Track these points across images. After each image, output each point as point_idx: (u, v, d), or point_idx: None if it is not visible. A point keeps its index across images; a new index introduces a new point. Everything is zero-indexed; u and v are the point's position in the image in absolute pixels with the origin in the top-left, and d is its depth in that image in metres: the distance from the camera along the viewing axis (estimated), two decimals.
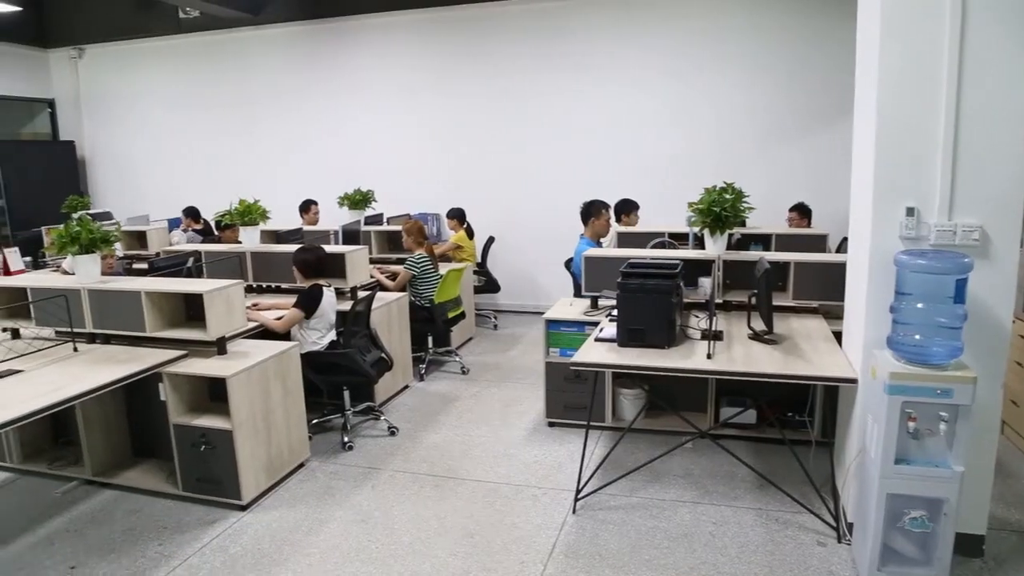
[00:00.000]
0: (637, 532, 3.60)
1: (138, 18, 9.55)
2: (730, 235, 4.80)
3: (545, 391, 4.98)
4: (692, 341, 3.95)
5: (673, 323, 3.85)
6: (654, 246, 5.33)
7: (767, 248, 5.50)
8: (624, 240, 5.95)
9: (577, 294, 5.65)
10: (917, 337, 2.88)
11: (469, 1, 8.06)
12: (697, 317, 4.38)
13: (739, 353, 3.72)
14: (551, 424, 4.99)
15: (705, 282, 4.63)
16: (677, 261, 4.23)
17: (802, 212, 6.61)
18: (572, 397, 4.89)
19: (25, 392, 3.43)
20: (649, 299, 3.81)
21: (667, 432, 4.67)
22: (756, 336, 3.97)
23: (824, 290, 4.46)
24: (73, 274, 4.67)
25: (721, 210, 4.50)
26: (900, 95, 3.04)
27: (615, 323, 3.94)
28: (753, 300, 4.08)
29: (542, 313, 5.10)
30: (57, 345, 4.28)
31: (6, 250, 6.84)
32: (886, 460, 2.90)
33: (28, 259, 7.26)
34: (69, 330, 4.26)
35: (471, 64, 8.26)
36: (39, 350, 4.20)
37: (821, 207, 6.67)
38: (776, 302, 4.18)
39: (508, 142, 8.26)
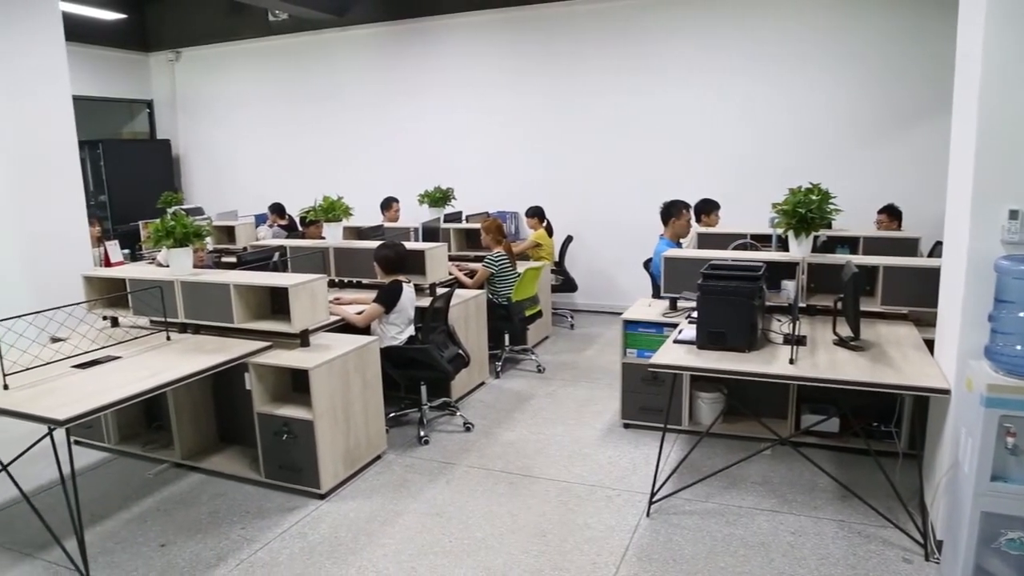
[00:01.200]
0: (712, 538, 3.54)
1: (230, 22, 9.93)
2: (815, 237, 4.66)
3: (621, 392, 4.94)
4: (774, 345, 3.85)
5: (755, 326, 3.77)
6: (736, 247, 5.22)
7: (854, 251, 5.32)
8: (705, 241, 5.85)
9: (656, 295, 5.59)
10: (1019, 347, 2.73)
11: (546, 0, 8.07)
12: (779, 321, 4.27)
13: (823, 359, 3.61)
14: (626, 425, 4.95)
15: (789, 285, 4.51)
16: (760, 263, 4.13)
17: (892, 214, 6.36)
18: (648, 399, 4.84)
19: (123, 378, 3.60)
20: (730, 301, 3.73)
21: (745, 437, 4.57)
22: (842, 342, 3.84)
23: (915, 296, 4.28)
24: (167, 266, 4.87)
25: (807, 211, 4.37)
26: (1005, 90, 2.89)
27: (695, 325, 3.87)
28: (839, 305, 3.95)
29: (619, 313, 5.06)
30: (152, 334, 4.49)
31: (107, 243, 7.20)
32: (981, 477, 2.77)
33: (126, 251, 7.62)
34: (163, 320, 4.46)
35: (548, 63, 8.25)
36: (135, 338, 4.41)
37: (912, 209, 6.40)
38: (863, 307, 4.03)
39: (587, 141, 8.23)
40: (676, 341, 3.97)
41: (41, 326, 4.48)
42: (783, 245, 5.06)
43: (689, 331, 3.99)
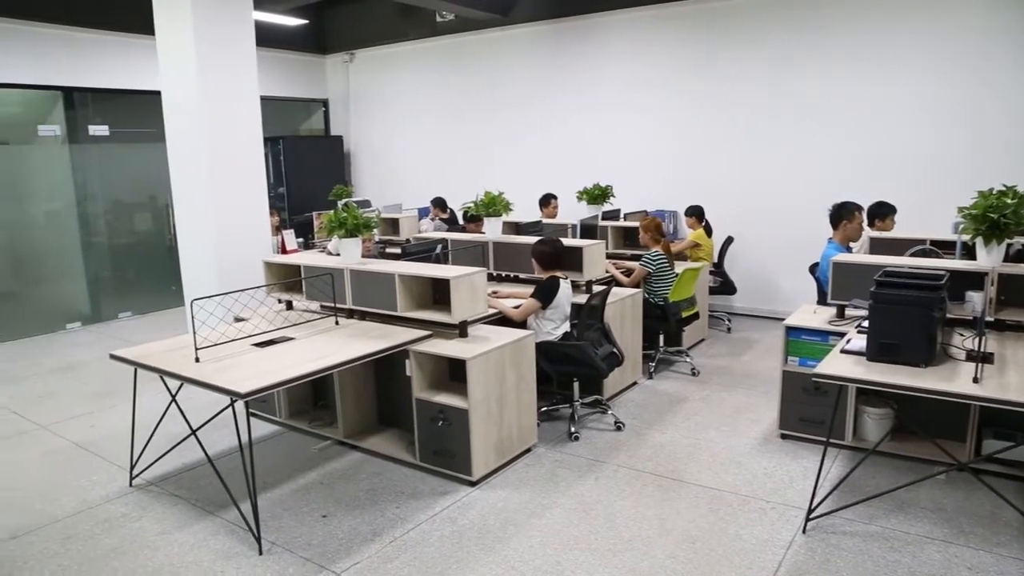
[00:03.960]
0: (875, 564, 3.32)
1: (400, 23, 10.36)
2: (1008, 245, 4.26)
3: (780, 401, 4.73)
4: (954, 362, 3.56)
5: (933, 339, 3.49)
6: (914, 254, 4.86)
7: None
8: (878, 246, 5.50)
9: (822, 301, 5.31)
10: None
11: None
12: (962, 335, 3.94)
13: (1013, 379, 3.29)
14: (784, 436, 4.74)
15: (975, 297, 4.15)
16: (942, 271, 3.83)
17: None
18: (810, 410, 4.61)
19: (296, 357, 3.86)
20: (907, 311, 3.48)
21: (916, 459, 4.27)
22: None
23: None
24: (337, 255, 5.16)
25: (999, 216, 4.00)
26: None
27: (865, 335, 3.65)
28: None
29: (780, 319, 4.86)
30: (322, 318, 4.77)
31: (284, 232, 7.72)
32: None
33: (300, 240, 8.15)
34: (333, 305, 4.73)
35: (712, 59, 8.02)
36: (307, 321, 4.70)
37: None
38: None
39: (749, 139, 7.93)
40: (843, 351, 3.76)
41: (228, 306, 4.88)
42: (969, 253, 4.65)
43: (858, 341, 3.76)
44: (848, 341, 3.91)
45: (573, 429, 4.86)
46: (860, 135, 7.31)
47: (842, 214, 5.50)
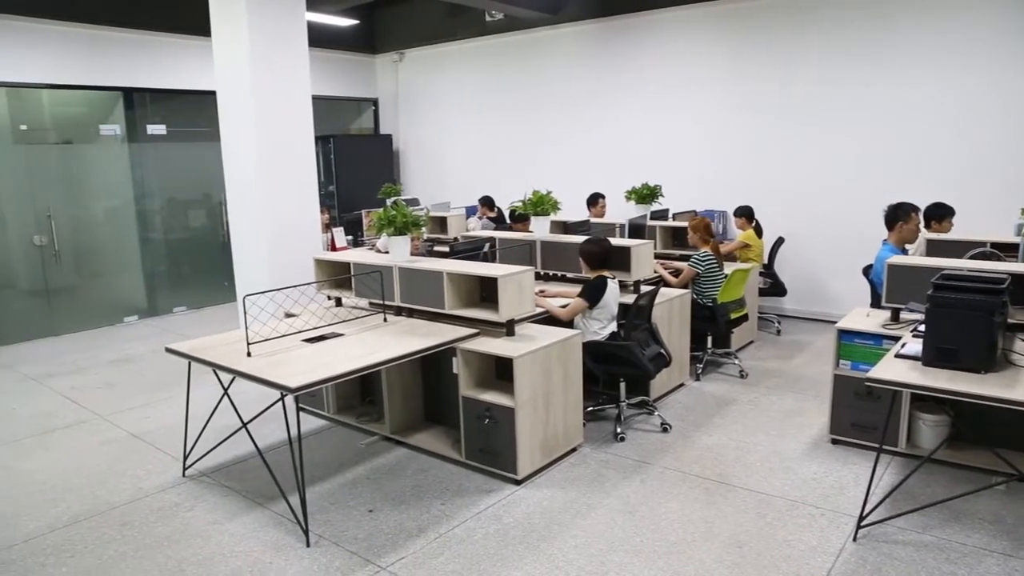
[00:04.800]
0: (930, 575, 3.23)
1: (449, 23, 10.42)
2: None
3: (831, 405, 4.63)
4: (1016, 368, 3.45)
5: (994, 345, 3.39)
6: (973, 256, 4.72)
7: None
8: (935, 248, 5.36)
9: (875, 304, 5.19)
10: None
11: None
12: None
13: None
14: (834, 441, 4.65)
15: None
16: (1003, 275, 3.71)
17: None
18: (862, 415, 4.51)
19: (345, 354, 3.91)
20: (966, 316, 3.38)
21: (973, 468, 4.14)
22: None
23: None
24: (386, 252, 5.21)
25: None
26: None
27: (921, 339, 3.55)
28: None
29: (831, 322, 4.77)
30: (371, 315, 4.83)
31: (334, 229, 7.82)
32: None
33: (349, 238, 8.25)
34: (381, 302, 4.78)
35: (760, 57, 7.88)
36: (356, 318, 4.76)
37: None
38: None
39: (801, 138, 7.78)
40: (898, 355, 3.67)
41: (279, 302, 4.96)
42: None
43: (914, 345, 3.67)
44: (903, 345, 3.81)
45: (619, 430, 4.83)
46: (916, 135, 7.12)
47: (898, 215, 5.36)
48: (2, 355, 7.27)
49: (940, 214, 5.88)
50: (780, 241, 7.61)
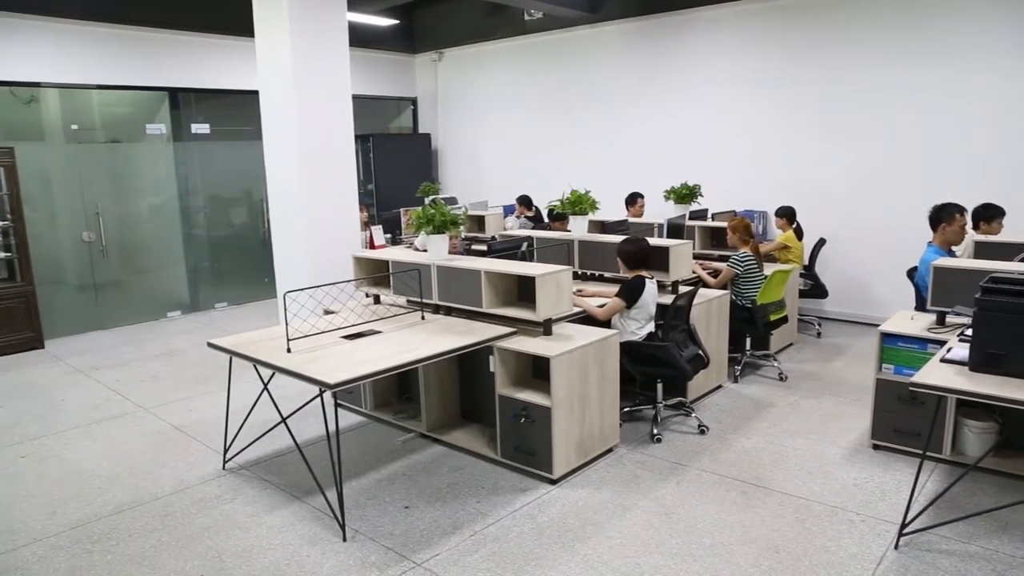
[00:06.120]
0: None
1: (489, 22, 10.44)
2: None
3: (873, 410, 4.55)
4: None
5: None
6: None
7: None
8: (983, 251, 5.22)
9: (920, 307, 5.08)
10: None
11: None
12: None
13: None
14: (876, 447, 4.56)
15: None
16: None
17: None
18: (905, 420, 4.42)
19: (383, 351, 3.94)
20: (1016, 320, 3.29)
21: (1022, 478, 4.04)
22: None
23: None
24: (424, 251, 5.24)
25: None
26: None
27: (967, 343, 3.47)
28: None
29: (874, 325, 4.69)
30: (408, 312, 4.86)
31: (372, 227, 7.89)
32: None
33: (388, 236, 8.31)
34: (419, 300, 4.80)
35: (801, 56, 7.76)
36: (394, 315, 4.79)
37: None
38: None
39: (844, 138, 7.65)
40: (944, 360, 3.59)
41: (318, 299, 5.02)
42: None
43: (960, 350, 3.59)
44: (949, 350, 3.73)
45: (656, 431, 4.80)
46: (964, 136, 6.95)
47: (941, 216, 5.24)
48: (52, 347, 7.47)
49: (989, 215, 5.73)
50: (822, 242, 7.49)
